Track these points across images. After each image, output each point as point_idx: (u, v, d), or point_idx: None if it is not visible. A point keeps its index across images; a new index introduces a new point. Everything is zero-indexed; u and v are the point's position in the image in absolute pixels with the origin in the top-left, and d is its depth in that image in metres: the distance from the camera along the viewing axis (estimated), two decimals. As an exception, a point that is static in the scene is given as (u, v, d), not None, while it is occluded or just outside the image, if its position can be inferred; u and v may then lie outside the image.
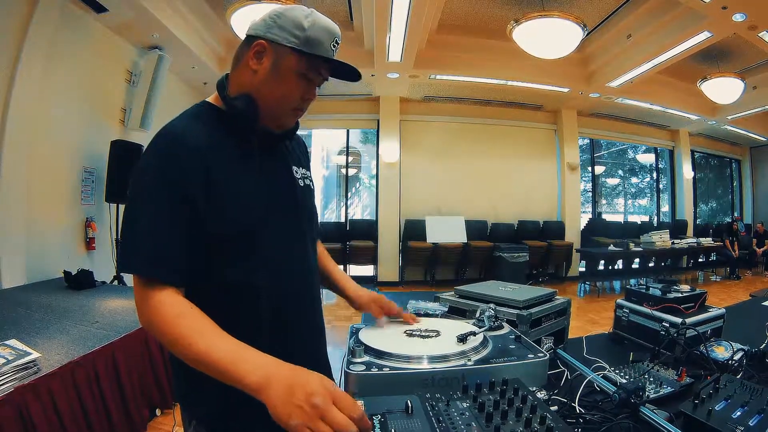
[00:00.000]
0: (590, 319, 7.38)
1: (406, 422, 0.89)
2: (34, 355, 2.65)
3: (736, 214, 15.04)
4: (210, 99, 1.38)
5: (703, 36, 7.32)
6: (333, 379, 1.36)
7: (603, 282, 11.07)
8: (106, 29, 6.37)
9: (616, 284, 11.17)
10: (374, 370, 1.15)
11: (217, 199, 1.21)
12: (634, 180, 17.57)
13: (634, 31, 8.05)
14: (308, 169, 1.57)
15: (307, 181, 1.52)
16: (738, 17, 6.60)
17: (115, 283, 6.08)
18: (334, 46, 1.30)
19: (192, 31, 7.19)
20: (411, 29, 6.91)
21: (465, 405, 0.96)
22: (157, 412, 3.79)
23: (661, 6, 7.21)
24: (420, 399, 0.98)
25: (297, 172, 1.47)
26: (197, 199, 1.18)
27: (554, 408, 1.10)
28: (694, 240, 11.80)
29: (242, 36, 5.12)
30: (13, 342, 2.76)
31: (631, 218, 15.96)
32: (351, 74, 1.36)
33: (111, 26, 6.36)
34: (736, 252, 12.06)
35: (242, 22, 5.91)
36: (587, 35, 7.19)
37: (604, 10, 7.76)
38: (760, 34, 7.19)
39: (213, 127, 1.29)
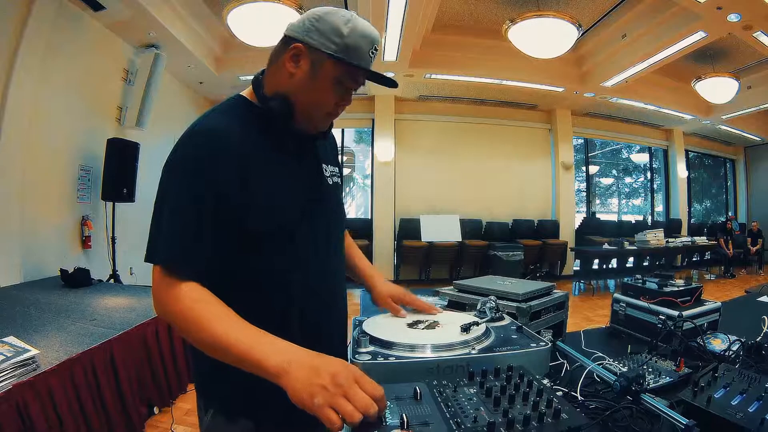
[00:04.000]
0: (586, 317, 7.41)
1: (415, 408, 0.90)
2: (33, 352, 2.65)
3: (730, 213, 15.09)
4: (244, 93, 1.38)
5: (698, 36, 7.37)
6: None
7: (598, 281, 11.11)
8: (103, 27, 6.38)
9: (611, 283, 11.22)
10: (380, 359, 1.16)
11: (251, 196, 1.22)
12: (628, 180, 17.60)
13: (629, 31, 8.09)
14: (337, 165, 1.58)
15: (336, 179, 1.53)
16: (733, 17, 6.64)
17: (112, 281, 6.08)
18: (373, 54, 1.29)
19: (189, 30, 7.19)
20: (407, 28, 6.93)
21: (472, 391, 0.97)
22: (155, 410, 3.79)
23: (656, 6, 7.25)
24: (428, 386, 0.99)
25: (327, 170, 1.48)
26: (229, 194, 1.19)
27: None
28: (689, 239, 11.85)
29: (238, 35, 5.14)
30: (11, 339, 2.76)
31: (626, 218, 15.98)
32: (387, 81, 1.36)
33: (108, 24, 6.36)
34: (731, 251, 12.12)
35: (239, 21, 5.93)
36: (582, 35, 7.23)
37: (599, 10, 7.79)
38: (754, 34, 7.24)
39: (247, 123, 1.29)
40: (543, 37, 6.74)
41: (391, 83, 1.37)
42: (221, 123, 1.26)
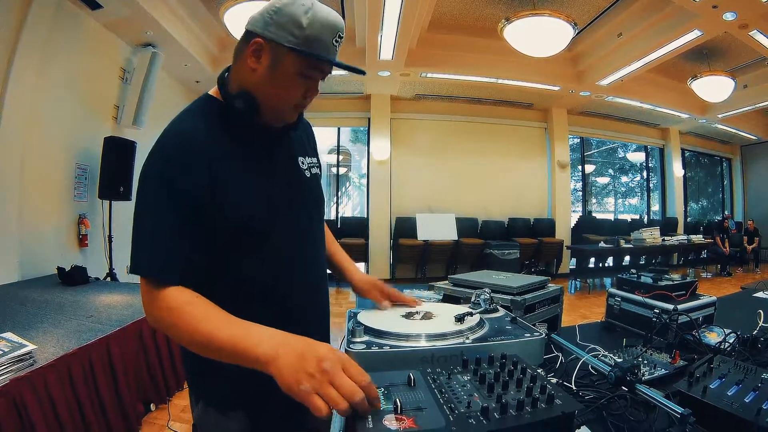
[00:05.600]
0: (582, 314, 7.42)
1: (409, 394, 0.90)
2: (30, 347, 2.64)
3: (726, 212, 15.12)
4: (212, 92, 1.37)
5: (694, 35, 7.37)
6: None
7: (594, 279, 11.12)
8: (101, 26, 6.37)
9: (607, 281, 11.21)
10: (374, 349, 1.17)
11: (225, 197, 1.22)
12: (624, 179, 17.64)
13: (625, 30, 8.09)
14: (315, 155, 1.57)
15: (314, 170, 1.52)
16: (729, 16, 6.65)
17: (108, 279, 6.08)
18: (337, 42, 1.25)
19: (185, 28, 7.18)
20: (403, 27, 6.92)
21: (466, 378, 0.98)
22: (152, 407, 3.79)
23: (651, 5, 7.26)
24: (421, 373, 1.00)
25: (303, 163, 1.47)
26: (203, 197, 1.19)
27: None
28: (685, 237, 11.86)
29: (235, 34, 5.17)
30: (8, 335, 2.76)
31: (622, 217, 16.01)
32: (354, 70, 1.37)
33: (105, 23, 6.35)
34: (727, 249, 12.15)
35: (236, 20, 5.92)
36: (578, 34, 7.23)
37: (594, 9, 7.79)
38: (750, 33, 7.24)
39: (216, 123, 1.28)
40: (539, 36, 6.73)
41: (358, 71, 1.39)
42: (189, 126, 1.26)
